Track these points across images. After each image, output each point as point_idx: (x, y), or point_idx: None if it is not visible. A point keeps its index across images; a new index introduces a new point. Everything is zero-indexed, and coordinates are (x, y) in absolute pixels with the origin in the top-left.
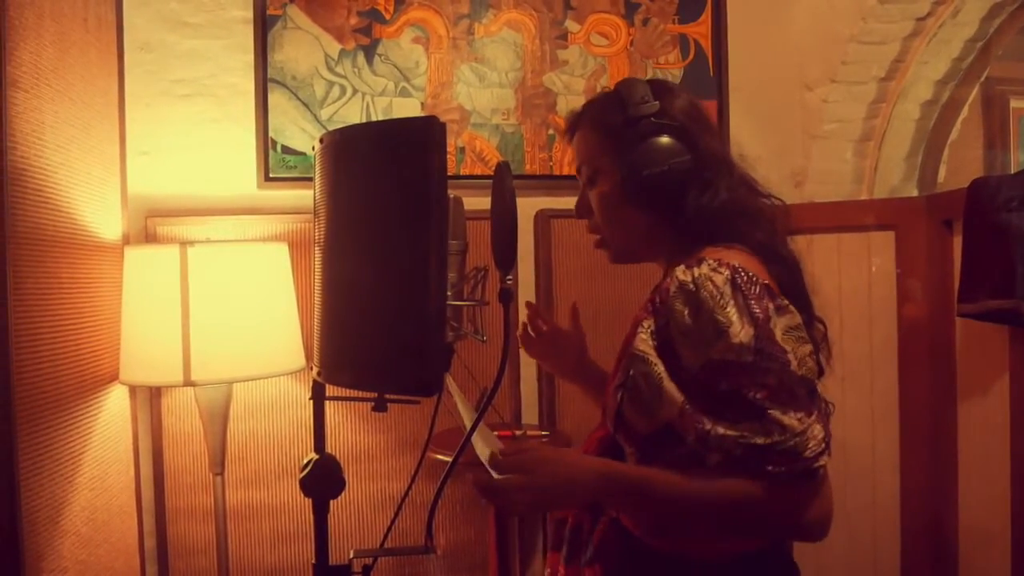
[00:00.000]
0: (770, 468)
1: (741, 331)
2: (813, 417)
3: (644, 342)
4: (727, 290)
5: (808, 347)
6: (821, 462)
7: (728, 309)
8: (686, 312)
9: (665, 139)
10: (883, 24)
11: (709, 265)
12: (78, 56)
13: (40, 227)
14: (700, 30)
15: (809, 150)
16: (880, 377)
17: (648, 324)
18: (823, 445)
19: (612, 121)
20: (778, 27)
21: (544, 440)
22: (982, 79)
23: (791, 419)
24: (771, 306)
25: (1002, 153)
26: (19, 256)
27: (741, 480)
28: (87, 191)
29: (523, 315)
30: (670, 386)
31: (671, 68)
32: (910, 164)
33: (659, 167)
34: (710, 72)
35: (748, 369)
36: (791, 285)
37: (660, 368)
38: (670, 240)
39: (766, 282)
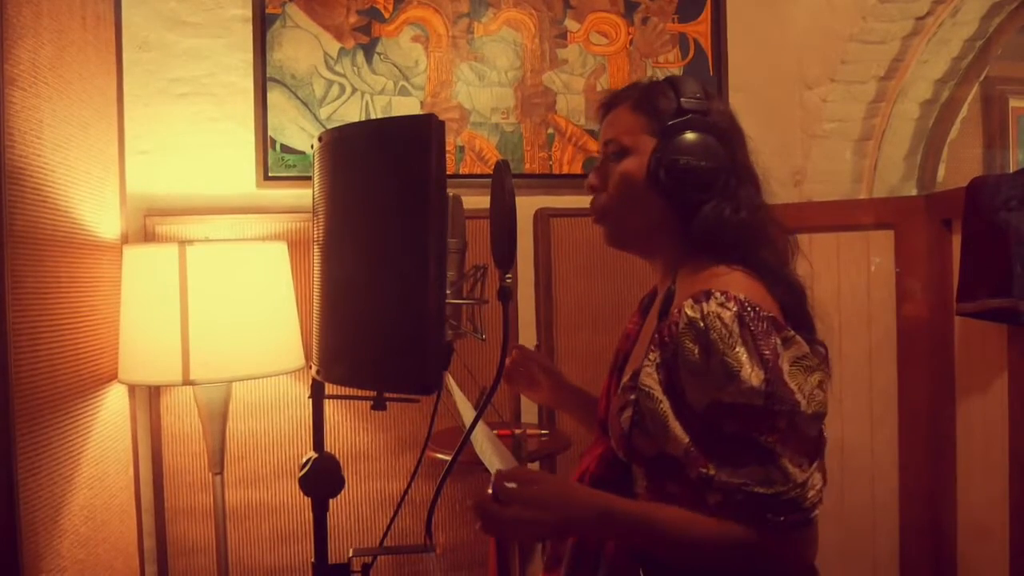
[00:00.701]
0: (769, 516)
1: (751, 374)
2: (815, 465)
3: (650, 376)
4: (735, 328)
5: (816, 376)
6: (816, 511)
7: (737, 350)
8: (696, 351)
9: (709, 138)
10: (882, 23)
11: (717, 300)
12: (76, 54)
13: (39, 226)
14: (700, 29)
15: (808, 149)
16: (879, 375)
17: (654, 357)
18: (820, 495)
19: (662, 106)
20: (778, 26)
21: (543, 439)
22: (981, 78)
23: (795, 468)
24: (778, 341)
25: (1001, 152)
26: (17, 255)
27: (739, 525)
28: (86, 190)
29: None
30: (675, 425)
31: (671, 67)
32: (909, 163)
33: (698, 160)
34: (709, 71)
35: (758, 413)
36: (795, 308)
37: (666, 405)
38: (675, 240)
39: (772, 314)
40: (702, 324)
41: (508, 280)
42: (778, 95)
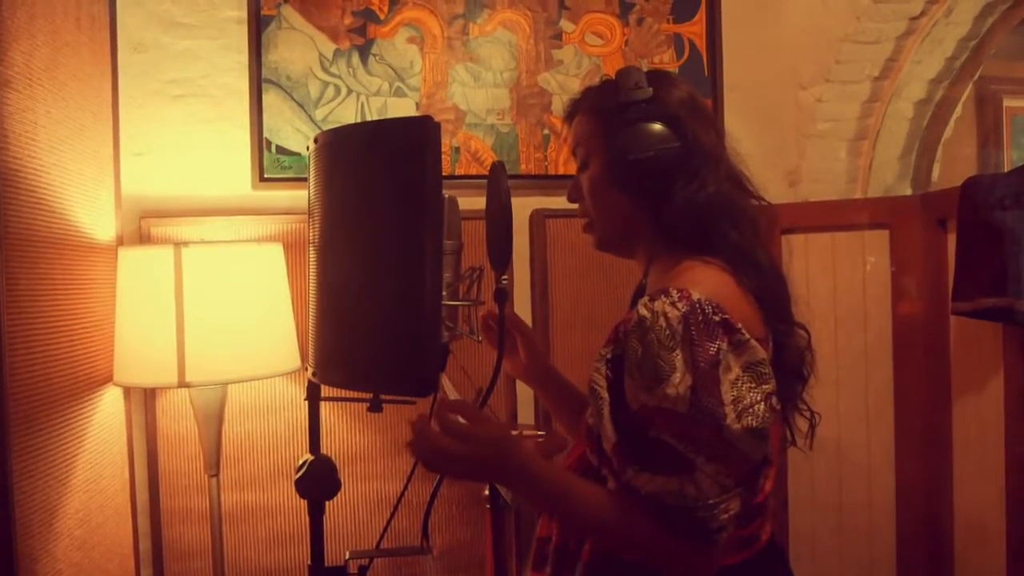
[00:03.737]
0: (675, 526)
1: (680, 381)
2: (738, 490)
3: (598, 371)
4: (679, 329)
5: (767, 387)
6: (723, 536)
7: (674, 353)
8: (639, 351)
9: (654, 126)
10: (877, 23)
11: (670, 299)
12: (71, 56)
13: (33, 228)
14: (695, 29)
15: (803, 149)
16: (875, 375)
17: (605, 353)
18: (732, 521)
19: (605, 105)
20: (772, 26)
21: (540, 440)
22: (975, 78)
23: (713, 484)
24: (724, 346)
25: (995, 151)
26: (12, 257)
27: (647, 524)
28: (80, 192)
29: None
30: (608, 425)
31: (666, 68)
32: (904, 163)
33: (645, 152)
34: (704, 71)
35: (681, 420)
36: (766, 294)
37: (605, 403)
38: (651, 233)
39: (725, 316)
40: (648, 323)
41: (504, 281)
42: (773, 95)
